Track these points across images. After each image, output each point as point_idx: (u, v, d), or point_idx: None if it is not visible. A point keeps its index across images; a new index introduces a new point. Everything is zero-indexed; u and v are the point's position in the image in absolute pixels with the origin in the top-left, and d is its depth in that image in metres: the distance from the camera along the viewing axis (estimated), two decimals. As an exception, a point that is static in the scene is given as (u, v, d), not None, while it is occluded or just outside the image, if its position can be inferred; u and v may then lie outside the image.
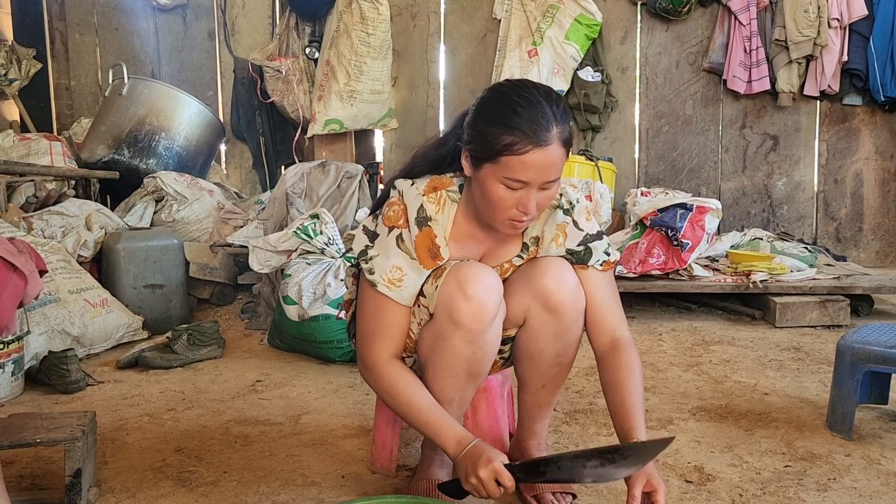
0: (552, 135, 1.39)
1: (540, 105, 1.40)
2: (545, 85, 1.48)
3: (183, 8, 5.10)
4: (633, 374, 1.51)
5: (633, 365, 1.52)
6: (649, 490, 1.35)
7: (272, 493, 1.72)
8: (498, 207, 1.45)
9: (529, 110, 1.39)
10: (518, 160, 1.39)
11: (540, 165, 1.40)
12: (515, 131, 1.39)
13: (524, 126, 1.38)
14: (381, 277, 1.51)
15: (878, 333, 2.06)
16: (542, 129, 1.38)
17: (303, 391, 2.49)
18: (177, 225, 3.94)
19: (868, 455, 1.90)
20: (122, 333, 3.05)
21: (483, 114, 1.46)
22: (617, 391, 1.50)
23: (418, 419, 1.48)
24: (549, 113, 1.40)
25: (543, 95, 1.43)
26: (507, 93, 1.45)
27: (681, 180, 4.92)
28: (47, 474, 1.82)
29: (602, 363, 1.56)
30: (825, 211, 4.94)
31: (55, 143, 4.28)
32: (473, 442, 1.42)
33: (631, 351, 1.55)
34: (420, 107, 5.05)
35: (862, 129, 4.85)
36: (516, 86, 1.46)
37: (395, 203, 1.55)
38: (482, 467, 1.36)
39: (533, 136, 1.38)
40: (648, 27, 4.87)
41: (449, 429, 1.45)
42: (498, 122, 1.41)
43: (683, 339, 3.15)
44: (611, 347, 1.56)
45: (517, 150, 1.39)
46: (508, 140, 1.39)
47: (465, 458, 1.40)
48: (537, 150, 1.38)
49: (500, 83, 1.50)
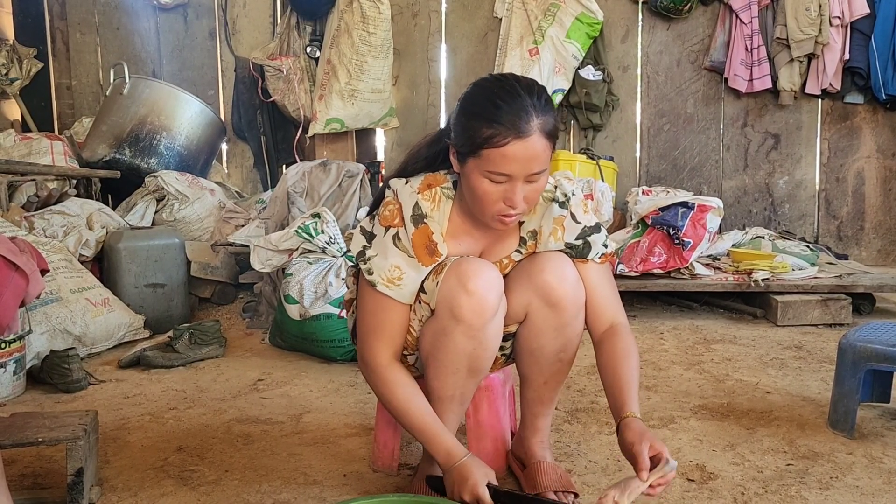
0: (532, 126, 1.39)
1: (520, 97, 1.40)
2: (529, 78, 1.48)
3: (184, 7, 5.10)
4: (629, 355, 1.51)
5: (630, 348, 1.53)
6: (654, 454, 1.34)
7: (274, 491, 1.72)
8: (485, 202, 1.45)
9: (509, 103, 1.39)
10: (498, 153, 1.39)
11: (521, 157, 1.39)
12: (495, 124, 1.39)
13: (503, 118, 1.38)
14: (380, 277, 1.52)
15: (879, 332, 2.06)
16: (521, 120, 1.38)
17: (304, 390, 2.49)
18: (178, 224, 3.94)
19: (870, 453, 1.90)
20: (124, 333, 3.05)
21: (465, 109, 1.46)
22: (612, 369, 1.50)
23: (413, 425, 1.49)
24: (529, 104, 1.40)
25: (524, 88, 1.42)
26: (489, 87, 1.45)
27: (682, 179, 4.91)
28: (49, 473, 1.82)
29: (599, 347, 1.57)
30: (827, 209, 4.93)
31: (56, 142, 4.28)
32: (463, 459, 1.43)
33: (628, 335, 1.56)
34: (421, 106, 5.05)
35: (863, 127, 4.84)
36: (497, 79, 1.46)
37: (390, 203, 1.55)
38: (466, 492, 1.39)
39: (512, 127, 1.38)
40: (649, 26, 4.87)
41: (441, 439, 1.47)
42: (478, 115, 1.41)
43: (685, 338, 3.14)
44: (608, 333, 1.57)
45: (496, 142, 1.39)
46: (488, 133, 1.39)
47: (452, 474, 1.43)
48: (517, 141, 1.38)
49: (484, 78, 1.51)
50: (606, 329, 1.58)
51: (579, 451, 1.94)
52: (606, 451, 1.93)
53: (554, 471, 1.67)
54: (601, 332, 1.59)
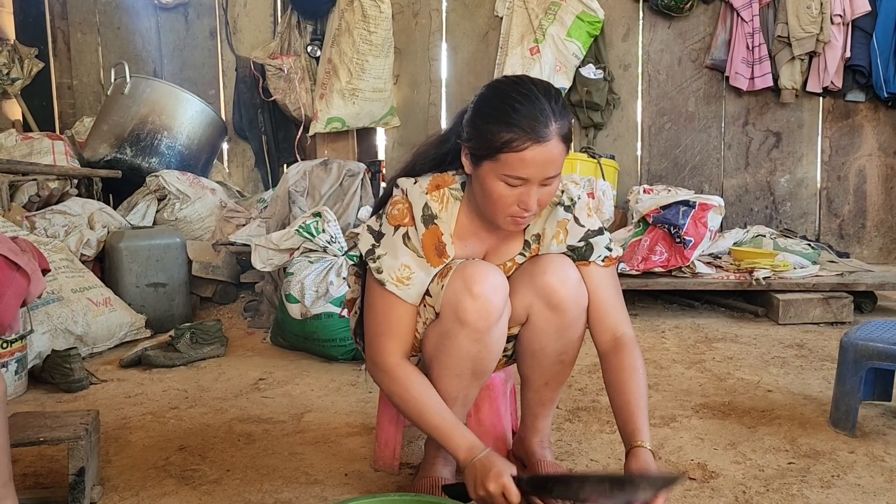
0: (551, 131, 1.38)
1: (538, 101, 1.39)
2: (544, 80, 1.47)
3: (184, 6, 5.10)
4: (636, 375, 1.50)
5: (636, 365, 1.51)
6: None
7: (275, 491, 1.72)
8: (499, 205, 1.44)
9: (528, 107, 1.39)
10: (517, 157, 1.38)
11: (539, 162, 1.39)
12: (514, 128, 1.38)
13: (523, 123, 1.38)
14: (390, 276, 1.51)
15: (881, 330, 2.06)
16: (540, 125, 1.38)
17: (305, 389, 2.49)
18: (179, 224, 3.94)
19: (872, 452, 1.90)
20: (125, 332, 3.05)
21: (482, 111, 1.45)
22: (620, 392, 1.49)
23: (429, 424, 1.47)
24: (548, 109, 1.39)
25: (542, 91, 1.42)
26: (506, 89, 1.44)
27: (683, 177, 4.91)
28: (51, 473, 1.82)
29: (605, 362, 1.56)
30: (828, 208, 4.93)
31: (57, 142, 4.28)
32: (484, 452, 1.41)
33: (634, 350, 1.54)
34: (422, 105, 5.05)
35: (865, 125, 4.83)
36: (515, 82, 1.45)
37: (399, 202, 1.54)
38: (491, 481, 1.35)
39: (532, 132, 1.37)
40: (650, 24, 4.86)
41: (460, 435, 1.45)
42: (497, 119, 1.40)
43: (686, 337, 3.14)
44: (613, 346, 1.55)
45: (516, 146, 1.38)
46: (507, 137, 1.38)
47: (475, 468, 1.40)
48: (536, 146, 1.38)
49: (499, 80, 1.49)
50: (611, 340, 1.56)
51: (580, 450, 1.94)
52: (607, 450, 1.93)
53: (554, 469, 1.68)
54: (606, 342, 1.57)
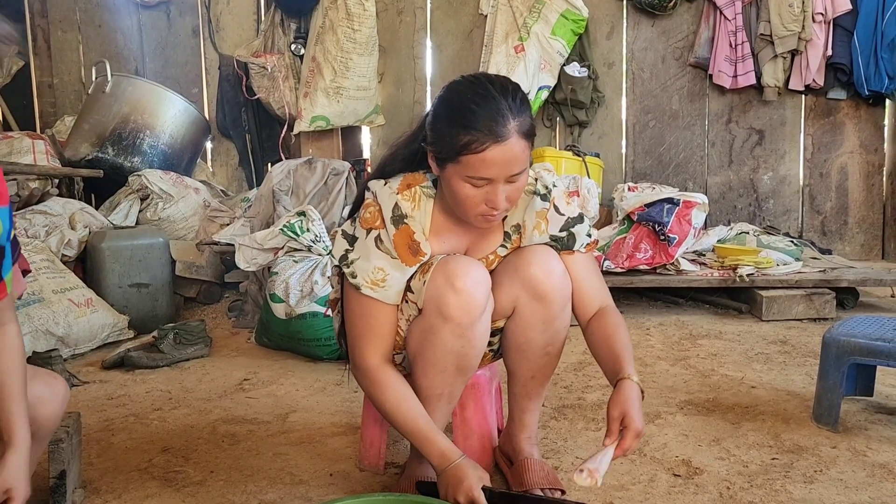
0: (510, 129, 1.38)
1: (495, 100, 1.39)
2: (502, 77, 1.47)
3: (167, 4, 5.06)
4: (620, 330, 1.53)
5: (620, 324, 1.55)
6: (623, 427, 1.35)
7: (259, 492, 1.71)
8: (467, 205, 1.45)
9: (485, 107, 1.38)
10: (478, 158, 1.38)
11: (501, 161, 1.39)
12: (472, 130, 1.38)
13: (480, 124, 1.37)
14: (364, 280, 1.51)
15: (863, 326, 2.08)
16: (498, 125, 1.38)
17: (290, 389, 2.48)
18: (162, 223, 3.91)
19: (854, 447, 1.91)
20: (108, 333, 3.03)
21: (440, 114, 1.45)
22: (605, 341, 1.52)
23: (406, 428, 1.49)
24: (505, 107, 1.39)
25: (499, 90, 1.41)
26: (463, 90, 1.43)
27: (667, 175, 4.93)
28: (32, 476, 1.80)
29: (588, 327, 1.58)
30: (811, 205, 4.97)
31: (38, 141, 4.23)
32: (457, 461, 1.43)
33: (616, 314, 1.58)
34: (407, 103, 5.04)
35: (847, 122, 4.87)
36: (471, 82, 1.45)
37: (370, 205, 1.54)
38: (461, 493, 1.38)
39: (490, 133, 1.37)
40: (634, 22, 4.88)
41: (434, 441, 1.46)
42: (455, 121, 1.40)
43: (671, 334, 3.16)
44: (597, 314, 1.59)
45: (475, 148, 1.38)
46: (466, 139, 1.38)
47: (447, 475, 1.42)
48: (496, 146, 1.38)
49: (457, 80, 1.48)
50: (594, 311, 1.59)
51: (566, 448, 1.94)
52: (593, 448, 1.93)
53: (541, 468, 1.67)
54: (589, 314, 1.60)
